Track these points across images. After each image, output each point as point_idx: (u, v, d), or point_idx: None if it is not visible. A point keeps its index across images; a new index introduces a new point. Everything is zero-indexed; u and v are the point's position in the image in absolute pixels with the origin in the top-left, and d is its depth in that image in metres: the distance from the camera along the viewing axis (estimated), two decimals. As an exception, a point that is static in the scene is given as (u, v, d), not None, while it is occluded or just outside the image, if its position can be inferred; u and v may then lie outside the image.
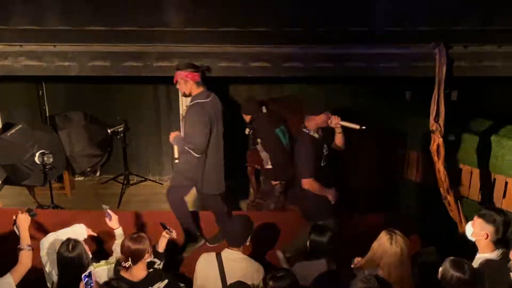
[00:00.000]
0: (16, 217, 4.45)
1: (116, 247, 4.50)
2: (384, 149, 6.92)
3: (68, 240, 4.18)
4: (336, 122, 5.31)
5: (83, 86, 7.78)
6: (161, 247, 4.59)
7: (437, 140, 5.10)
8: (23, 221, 4.40)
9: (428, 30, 5.42)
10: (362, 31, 5.59)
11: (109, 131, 7.70)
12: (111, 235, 4.90)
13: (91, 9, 5.67)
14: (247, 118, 6.80)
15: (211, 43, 5.85)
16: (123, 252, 4.14)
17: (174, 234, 4.65)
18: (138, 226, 6.10)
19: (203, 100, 5.45)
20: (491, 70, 5.57)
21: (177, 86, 5.51)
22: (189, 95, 5.46)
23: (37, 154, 6.91)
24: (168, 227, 4.65)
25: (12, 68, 5.99)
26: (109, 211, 4.63)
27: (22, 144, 7.06)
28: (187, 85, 5.40)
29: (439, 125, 5.08)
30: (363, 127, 5.31)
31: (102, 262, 4.43)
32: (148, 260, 4.19)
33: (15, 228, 4.46)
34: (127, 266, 4.10)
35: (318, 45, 5.74)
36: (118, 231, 4.62)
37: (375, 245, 4.03)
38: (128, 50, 5.88)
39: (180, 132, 5.63)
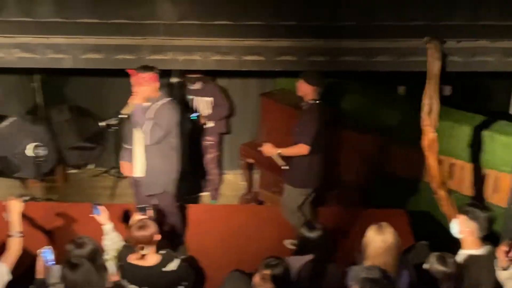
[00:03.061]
0: (7, 203, 4.36)
1: (107, 243, 4.50)
2: (377, 144, 6.94)
3: (77, 238, 4.13)
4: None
5: (78, 79, 7.76)
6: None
7: (430, 135, 5.11)
8: (15, 207, 4.32)
9: (421, 25, 5.44)
10: (355, 25, 5.60)
11: (101, 124, 7.68)
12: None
13: (84, 1, 5.65)
14: None
15: (204, 36, 5.85)
16: (133, 243, 4.18)
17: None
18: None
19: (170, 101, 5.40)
20: (484, 65, 5.61)
21: (138, 91, 5.29)
22: (151, 100, 5.32)
23: (30, 146, 6.89)
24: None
25: (5, 60, 5.96)
26: (99, 207, 4.59)
27: (14, 136, 7.04)
28: (152, 87, 5.27)
29: (433, 119, 5.09)
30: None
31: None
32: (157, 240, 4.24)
33: (3, 215, 4.38)
34: (143, 253, 4.16)
35: (312, 39, 5.75)
36: (107, 227, 4.60)
37: (364, 239, 4.07)
38: (121, 43, 5.86)
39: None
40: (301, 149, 5.49)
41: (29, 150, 6.89)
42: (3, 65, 6.04)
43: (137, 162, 5.41)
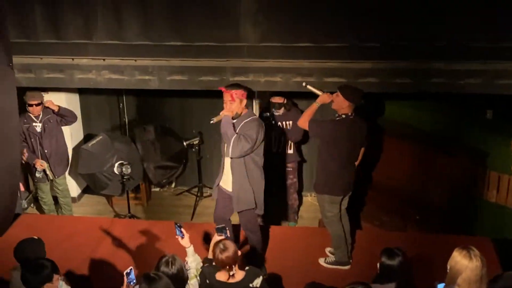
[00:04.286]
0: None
1: (191, 264, 4.56)
2: (463, 168, 6.70)
3: (167, 256, 4.22)
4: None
5: (161, 99, 7.98)
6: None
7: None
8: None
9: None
10: (443, 46, 5.47)
11: (184, 143, 7.85)
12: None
13: (170, 25, 5.83)
14: None
15: (286, 58, 5.88)
16: (220, 264, 4.26)
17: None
18: (210, 238, 6.16)
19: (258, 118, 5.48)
20: None
21: (228, 107, 5.29)
22: (237, 116, 5.34)
23: (116, 164, 7.12)
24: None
25: (95, 81, 6.23)
26: (182, 229, 4.65)
27: (102, 154, 7.30)
28: (242, 104, 5.35)
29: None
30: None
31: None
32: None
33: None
34: (231, 274, 4.24)
35: (395, 60, 5.66)
36: (190, 250, 4.65)
37: (451, 263, 3.92)
38: (205, 65, 6.00)
39: None
40: (304, 121, 5.57)
41: (116, 168, 7.12)
42: (93, 86, 6.32)
43: (227, 176, 5.52)
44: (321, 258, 5.88)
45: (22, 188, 7.19)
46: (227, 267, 4.23)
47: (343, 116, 5.43)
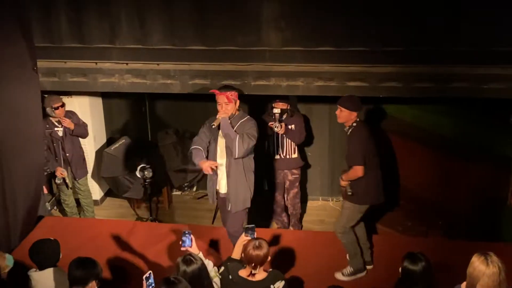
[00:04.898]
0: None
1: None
2: (486, 174, 6.62)
3: (185, 255, 4.23)
4: None
5: (183, 103, 8.01)
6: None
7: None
8: None
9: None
10: (467, 50, 5.42)
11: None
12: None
13: (193, 29, 5.86)
14: None
15: (308, 62, 5.88)
16: (247, 260, 4.27)
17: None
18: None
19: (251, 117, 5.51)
20: None
21: (224, 108, 5.36)
22: (232, 116, 5.40)
23: (138, 168, 7.16)
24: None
25: (119, 85, 6.29)
26: (191, 236, 4.58)
27: (124, 158, 7.35)
28: (236, 106, 5.41)
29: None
30: None
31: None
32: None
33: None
34: (253, 272, 4.26)
35: (418, 64, 5.62)
36: (200, 256, 4.64)
37: (469, 270, 3.91)
38: (227, 69, 6.02)
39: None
40: (357, 171, 5.43)
41: (138, 172, 7.16)
42: (116, 89, 6.38)
43: (222, 179, 5.56)
44: (337, 272, 5.72)
45: (45, 190, 7.28)
46: (253, 264, 4.24)
47: (354, 124, 5.42)
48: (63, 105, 6.76)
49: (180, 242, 4.55)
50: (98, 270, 4.04)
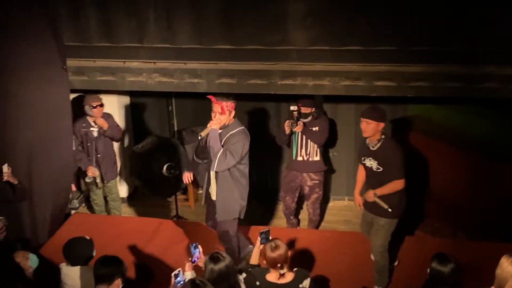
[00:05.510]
0: None
1: None
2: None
3: (213, 253, 4.24)
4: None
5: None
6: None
7: None
8: None
9: None
10: (495, 50, 5.34)
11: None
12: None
13: (220, 29, 5.88)
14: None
15: (335, 61, 5.85)
16: (270, 264, 4.27)
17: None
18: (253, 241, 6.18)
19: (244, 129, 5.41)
20: None
21: (216, 118, 5.29)
22: (224, 126, 5.33)
23: (165, 166, 7.21)
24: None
25: (146, 84, 6.34)
26: (199, 247, 4.51)
27: (151, 156, 7.40)
28: (230, 116, 5.31)
29: None
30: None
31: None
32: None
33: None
34: (281, 273, 4.25)
35: (447, 64, 5.55)
36: None
37: (498, 271, 3.89)
38: (253, 68, 6.02)
39: None
40: (397, 185, 5.25)
41: (164, 170, 7.21)
42: (143, 88, 6.42)
43: (213, 185, 5.53)
44: None
45: (73, 188, 7.37)
46: (279, 265, 4.23)
47: (383, 137, 5.28)
48: (101, 105, 6.82)
49: (190, 259, 4.49)
50: (123, 268, 4.08)
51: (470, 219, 6.70)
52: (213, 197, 5.54)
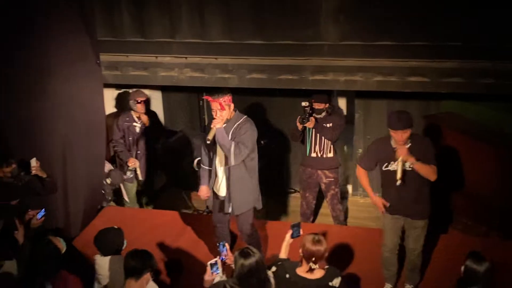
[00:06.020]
0: None
1: None
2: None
3: (243, 248, 4.25)
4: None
5: (240, 97, 8.02)
6: None
7: None
8: None
9: None
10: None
11: (262, 142, 7.86)
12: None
13: (251, 24, 5.88)
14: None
15: (367, 57, 5.80)
16: (306, 256, 4.26)
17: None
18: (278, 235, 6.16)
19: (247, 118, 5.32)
20: None
21: (218, 116, 5.14)
22: (227, 121, 5.20)
23: (195, 161, 7.25)
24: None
25: (177, 79, 6.39)
26: (226, 245, 4.48)
27: (181, 150, 7.45)
28: (230, 109, 5.21)
29: None
30: None
31: None
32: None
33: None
34: (313, 267, 4.22)
35: (482, 60, 5.47)
36: None
37: None
38: (285, 63, 6.01)
39: None
40: (435, 170, 5.00)
41: (195, 164, 7.24)
42: (175, 83, 6.47)
43: (221, 183, 5.48)
44: None
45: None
46: (314, 259, 4.22)
47: (415, 137, 5.09)
48: (146, 101, 6.88)
49: (218, 257, 4.43)
50: (153, 261, 4.12)
51: (503, 218, 6.59)
52: (221, 194, 5.48)
